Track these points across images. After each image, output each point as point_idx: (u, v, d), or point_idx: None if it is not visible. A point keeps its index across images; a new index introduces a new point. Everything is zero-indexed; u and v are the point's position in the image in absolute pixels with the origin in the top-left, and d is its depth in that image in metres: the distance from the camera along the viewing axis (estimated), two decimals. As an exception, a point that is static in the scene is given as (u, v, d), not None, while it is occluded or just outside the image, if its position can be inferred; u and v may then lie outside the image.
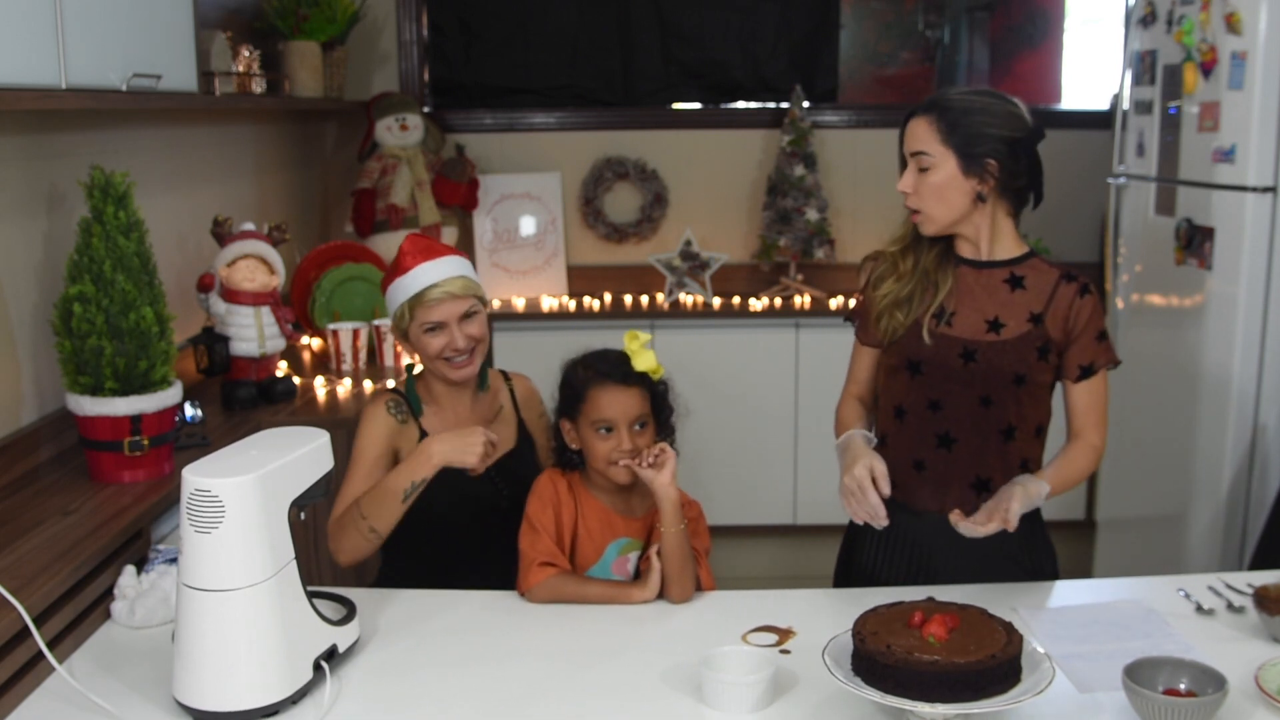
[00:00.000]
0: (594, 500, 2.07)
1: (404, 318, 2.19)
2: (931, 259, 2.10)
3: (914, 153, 2.04)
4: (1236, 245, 3.22)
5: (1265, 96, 3.12)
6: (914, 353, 2.08)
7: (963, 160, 2.01)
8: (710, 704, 1.63)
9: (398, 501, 2.04)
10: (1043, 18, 5.00)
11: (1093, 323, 2.06)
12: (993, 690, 1.51)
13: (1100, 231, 4.38)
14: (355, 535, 2.07)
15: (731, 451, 4.36)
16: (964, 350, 2.05)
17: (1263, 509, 3.19)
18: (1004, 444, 2.07)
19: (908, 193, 2.05)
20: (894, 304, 2.10)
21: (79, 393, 2.27)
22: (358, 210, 4.25)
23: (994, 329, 2.05)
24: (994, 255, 2.09)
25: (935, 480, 2.10)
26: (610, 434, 2.02)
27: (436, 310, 2.16)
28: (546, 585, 1.97)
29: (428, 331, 2.17)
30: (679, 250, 4.56)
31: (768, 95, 4.84)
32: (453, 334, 2.17)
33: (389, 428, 2.19)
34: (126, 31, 2.36)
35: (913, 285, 2.10)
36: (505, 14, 4.73)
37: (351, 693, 1.69)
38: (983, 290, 2.08)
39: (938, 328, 2.07)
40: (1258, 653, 1.75)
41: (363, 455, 2.18)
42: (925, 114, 2.04)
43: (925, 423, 2.09)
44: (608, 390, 2.04)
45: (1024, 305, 2.06)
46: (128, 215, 2.27)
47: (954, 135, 2.00)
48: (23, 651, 1.70)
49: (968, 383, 2.05)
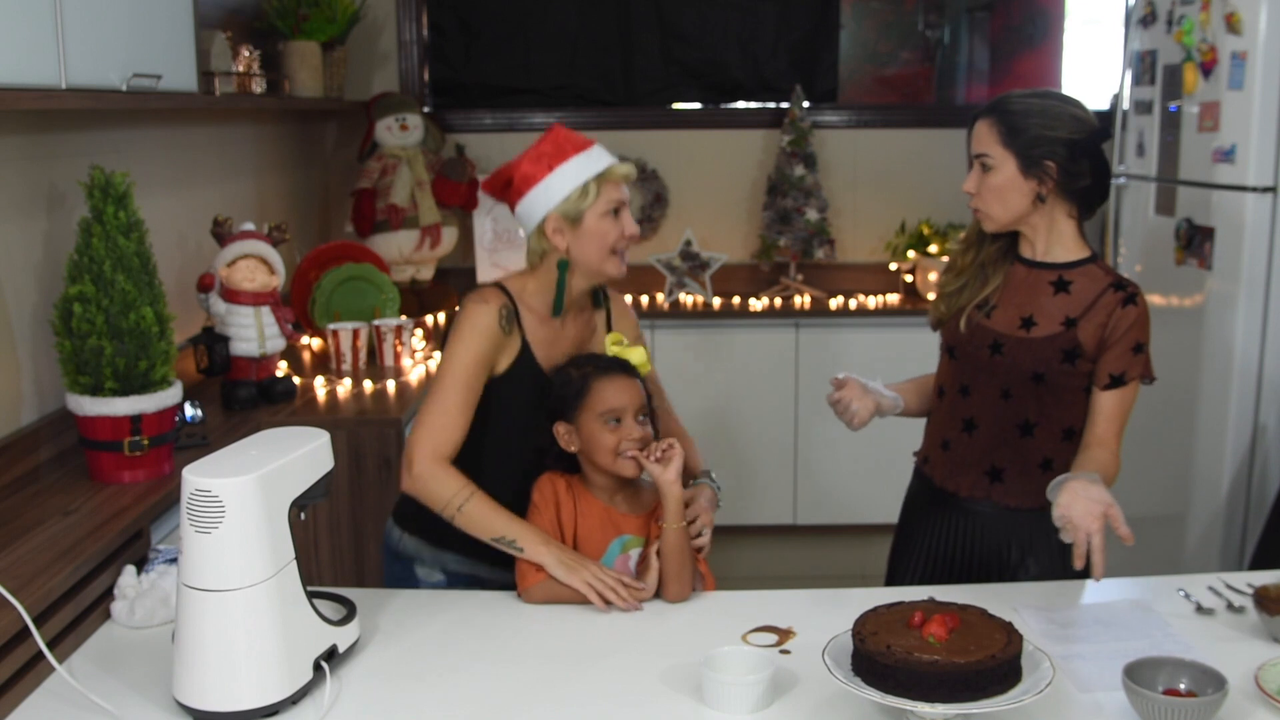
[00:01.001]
0: (593, 500, 2.07)
1: (587, 196, 2.05)
2: (990, 254, 2.19)
3: (977, 154, 2.10)
4: (1236, 245, 3.23)
5: (1265, 96, 3.12)
6: (952, 338, 2.20)
7: (1022, 162, 2.06)
8: (710, 704, 1.63)
9: (485, 535, 1.99)
10: (1043, 18, 4.99)
11: (1131, 333, 2.07)
12: (993, 690, 1.51)
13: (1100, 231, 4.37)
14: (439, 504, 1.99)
15: (731, 451, 4.36)
16: (993, 342, 2.12)
17: (1263, 509, 3.19)
18: (1020, 438, 2.13)
19: (971, 193, 2.12)
20: (945, 295, 2.22)
21: (79, 393, 2.27)
22: (358, 210, 4.25)
23: (1025, 326, 2.11)
24: (1050, 256, 2.14)
25: (955, 462, 2.20)
26: (619, 425, 2.02)
27: (620, 190, 2.08)
28: (543, 586, 1.97)
29: (609, 215, 2.07)
30: (679, 250, 4.56)
31: (768, 95, 4.84)
32: (628, 219, 2.10)
33: (493, 337, 2.05)
34: (126, 31, 2.36)
35: (966, 279, 2.19)
36: (505, 14, 4.73)
37: (351, 693, 1.69)
38: (1028, 289, 2.13)
39: (978, 318, 2.15)
40: (1258, 653, 1.75)
41: (458, 362, 2.03)
42: (987, 116, 2.10)
43: (955, 406, 2.20)
44: (613, 381, 2.04)
45: (1061, 308, 2.09)
46: (128, 215, 2.27)
47: (1014, 138, 2.06)
48: (23, 651, 1.70)
49: (992, 373, 2.13)
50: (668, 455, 1.99)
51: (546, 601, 1.98)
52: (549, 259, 2.11)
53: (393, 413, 2.97)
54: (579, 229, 2.07)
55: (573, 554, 1.98)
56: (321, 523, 2.87)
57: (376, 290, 3.67)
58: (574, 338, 2.18)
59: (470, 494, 1.99)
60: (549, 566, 1.95)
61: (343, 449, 2.81)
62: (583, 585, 1.93)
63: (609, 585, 1.93)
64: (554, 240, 2.07)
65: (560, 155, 2.06)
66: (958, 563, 2.20)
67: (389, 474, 2.88)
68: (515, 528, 1.98)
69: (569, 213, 2.06)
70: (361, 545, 2.90)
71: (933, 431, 2.28)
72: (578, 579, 1.94)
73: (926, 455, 2.29)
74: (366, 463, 2.88)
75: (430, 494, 2.01)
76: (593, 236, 2.07)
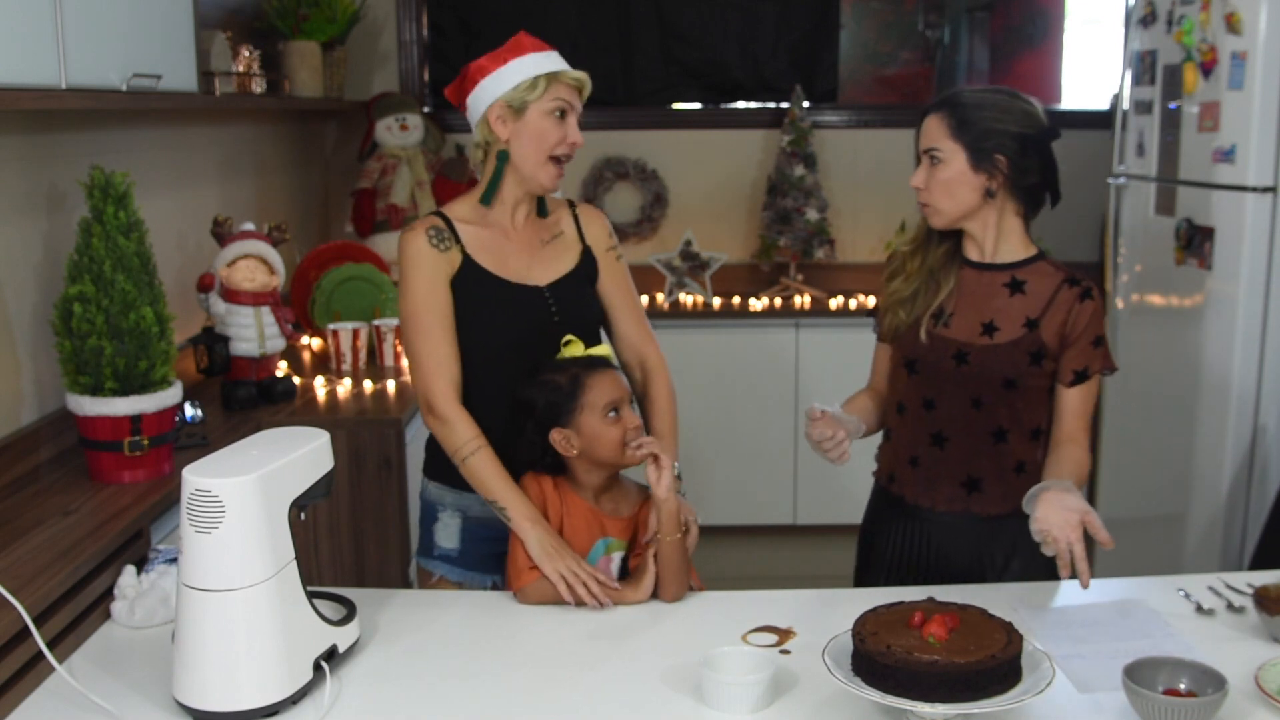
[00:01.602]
0: (579, 501, 2.06)
1: (535, 89, 2.05)
2: (938, 258, 2.13)
3: (926, 149, 2.07)
4: (1236, 245, 3.23)
5: (1265, 96, 3.12)
6: (911, 351, 2.12)
7: (972, 155, 2.03)
8: (710, 704, 1.63)
9: (482, 492, 2.03)
10: (1043, 18, 5.00)
11: (1091, 327, 2.06)
12: (993, 690, 1.51)
13: (1100, 231, 4.37)
14: (450, 449, 2.05)
15: (731, 451, 4.36)
16: (957, 352, 2.07)
17: (1263, 509, 3.19)
18: (995, 445, 2.09)
19: (920, 188, 2.08)
20: (898, 302, 2.15)
21: (79, 393, 2.27)
22: (358, 210, 4.25)
23: (988, 332, 2.07)
24: (998, 256, 2.10)
25: (927, 477, 2.14)
26: (619, 416, 2.01)
27: (570, 93, 2.08)
28: (537, 587, 1.97)
29: (554, 115, 2.06)
30: (679, 250, 4.56)
31: (768, 95, 4.84)
32: (573, 127, 2.09)
33: (430, 258, 2.06)
34: (126, 31, 2.36)
35: (917, 284, 2.13)
36: (505, 14, 4.73)
37: (351, 693, 1.69)
38: (982, 293, 2.09)
39: (935, 328, 2.10)
40: (1258, 653, 1.75)
41: (415, 295, 2.06)
42: (937, 111, 2.07)
43: (920, 420, 2.13)
44: (603, 375, 2.03)
45: (1021, 310, 2.07)
46: (128, 215, 2.27)
47: (963, 130, 2.03)
48: (23, 651, 1.70)
49: (959, 384, 2.08)
50: (660, 466, 1.97)
51: (541, 602, 1.97)
52: (491, 157, 2.11)
53: (393, 413, 2.97)
54: (521, 120, 2.06)
55: (557, 540, 1.98)
56: (321, 523, 2.87)
57: (376, 290, 3.67)
58: (524, 239, 2.15)
59: (478, 447, 2.02)
60: (529, 545, 1.96)
61: (343, 449, 2.81)
62: (555, 575, 1.93)
63: (581, 580, 1.93)
64: (496, 129, 2.08)
65: (516, 50, 2.09)
66: (935, 576, 2.15)
67: (389, 474, 2.88)
68: (510, 497, 2.00)
69: (513, 101, 2.06)
70: (361, 545, 2.90)
71: (897, 449, 2.19)
72: (551, 567, 1.94)
73: (891, 473, 2.21)
74: (366, 463, 2.88)
75: (445, 438, 2.06)
76: (533, 133, 2.06)
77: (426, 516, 2.24)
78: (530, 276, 2.13)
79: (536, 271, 2.14)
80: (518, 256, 2.14)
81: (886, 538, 2.23)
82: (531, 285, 2.12)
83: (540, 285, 2.13)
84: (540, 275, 2.14)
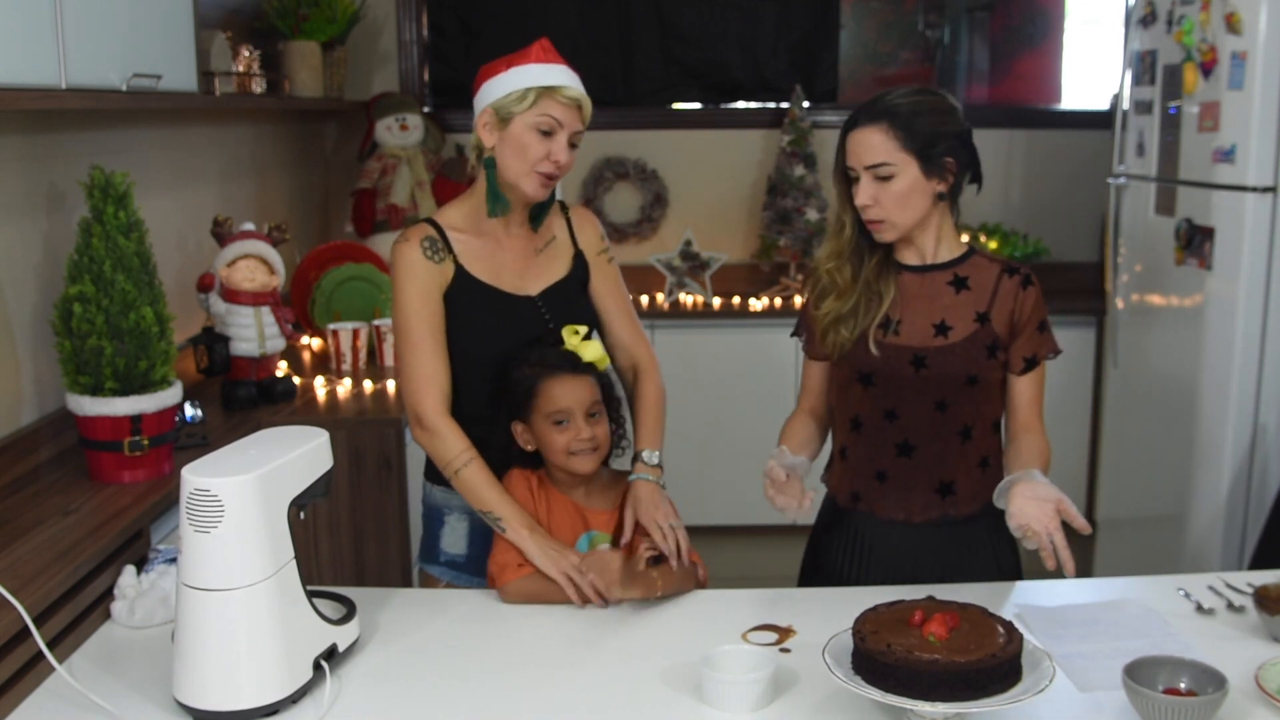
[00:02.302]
0: (561, 496, 2.06)
1: (523, 101, 2.00)
2: (872, 269, 2.07)
3: (871, 165, 1.99)
4: (1236, 245, 3.23)
5: (1265, 96, 3.12)
6: (864, 365, 2.06)
7: (924, 164, 1.98)
8: (710, 703, 1.63)
9: (475, 504, 2.02)
10: (1043, 18, 5.00)
11: (1035, 314, 2.06)
12: (993, 690, 1.51)
13: (1100, 231, 4.37)
14: (440, 462, 2.04)
15: (731, 451, 4.35)
16: (914, 357, 2.04)
17: (1263, 509, 3.19)
18: (963, 444, 2.07)
19: (868, 205, 2.00)
20: (837, 320, 2.07)
21: (79, 393, 2.27)
22: (358, 210, 4.25)
23: (941, 333, 2.04)
24: (938, 256, 2.08)
25: (898, 489, 2.09)
26: (567, 425, 2.01)
27: (564, 111, 2.02)
28: (519, 585, 1.96)
29: (539, 131, 2.01)
30: (679, 250, 4.56)
31: (768, 95, 4.84)
32: (561, 145, 2.02)
33: (425, 270, 2.05)
34: (126, 31, 2.36)
35: (855, 299, 2.06)
36: (505, 14, 4.74)
37: (351, 692, 1.69)
38: (927, 295, 2.07)
39: (885, 337, 2.05)
40: (1258, 653, 1.75)
41: (408, 308, 2.05)
42: (873, 124, 1.99)
43: (882, 432, 2.08)
44: (560, 381, 2.02)
45: (969, 305, 2.05)
46: (128, 215, 2.27)
47: (911, 140, 1.97)
48: (23, 651, 1.70)
49: (921, 389, 2.04)
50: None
51: (523, 601, 1.97)
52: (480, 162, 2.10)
53: (393, 413, 2.97)
54: (505, 131, 2.03)
55: (555, 543, 1.98)
56: (321, 523, 2.87)
57: (376, 290, 3.67)
58: (518, 247, 2.14)
59: (469, 459, 2.01)
60: (529, 554, 1.96)
61: (343, 449, 2.81)
62: (561, 577, 1.93)
63: (587, 582, 1.93)
64: (482, 135, 2.06)
65: (522, 59, 2.04)
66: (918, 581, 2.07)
67: (389, 474, 2.88)
68: (504, 507, 2.00)
69: (500, 109, 2.02)
70: (361, 545, 2.90)
71: (856, 466, 2.12)
72: (556, 569, 1.94)
73: (855, 492, 2.13)
74: (366, 463, 2.88)
75: (434, 450, 2.06)
76: (515, 146, 2.02)
77: (431, 521, 2.22)
78: (523, 286, 2.12)
79: (530, 280, 2.13)
80: (511, 266, 2.13)
81: (850, 555, 2.16)
82: (524, 295, 2.11)
83: (533, 295, 2.12)
84: (533, 284, 2.13)
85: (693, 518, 2.22)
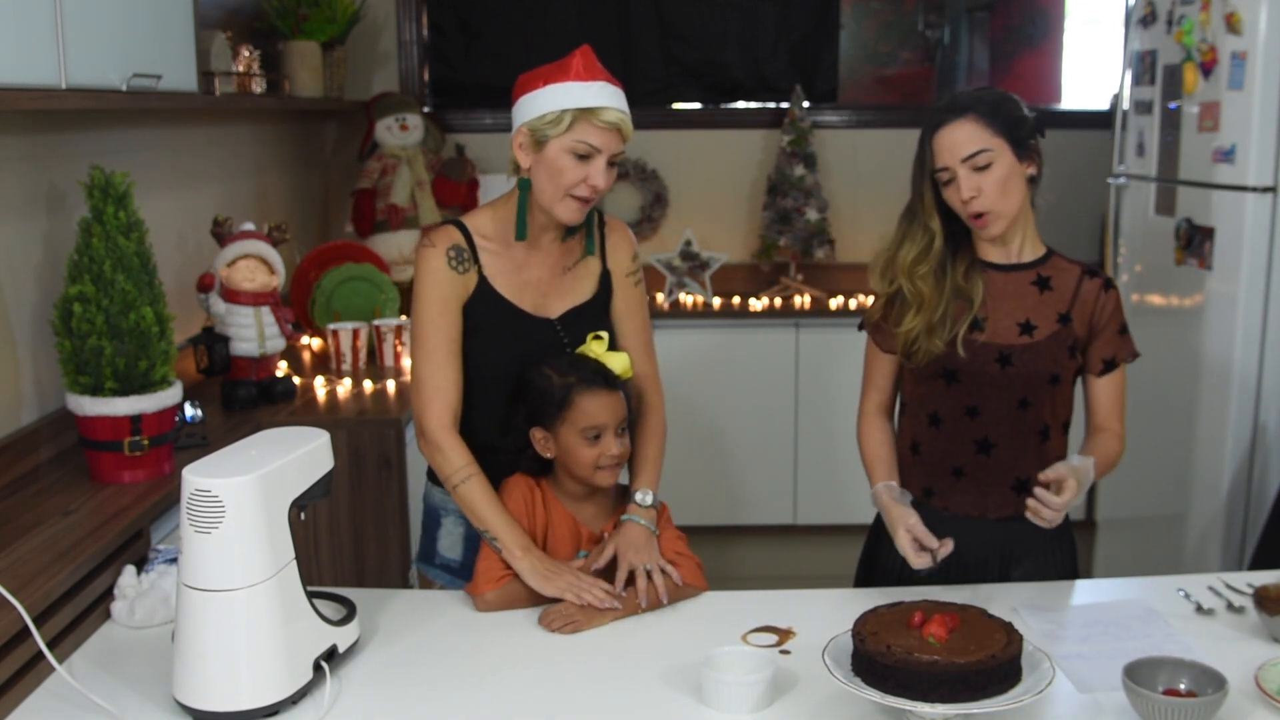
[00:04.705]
0: (563, 510, 2.05)
1: (559, 124, 1.93)
2: (961, 274, 2.07)
3: (967, 156, 1.98)
4: (1236, 245, 3.23)
5: (1265, 96, 3.12)
6: (949, 362, 2.06)
7: (1015, 147, 2.01)
8: (710, 704, 1.63)
9: (473, 520, 2.00)
10: (1043, 18, 5.00)
11: (1115, 317, 2.09)
12: (993, 690, 1.51)
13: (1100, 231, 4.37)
14: (442, 475, 2.02)
15: (731, 451, 4.35)
16: (999, 355, 2.05)
17: (1263, 509, 3.19)
18: (1041, 444, 2.09)
19: (974, 197, 1.99)
20: (928, 331, 2.05)
21: (79, 393, 2.27)
22: (358, 210, 4.25)
23: (1026, 331, 2.06)
24: (1023, 255, 2.10)
25: (975, 486, 2.10)
26: (599, 440, 1.99)
27: (601, 136, 1.94)
28: (498, 594, 1.96)
29: (575, 155, 1.95)
30: (679, 250, 4.56)
31: (768, 95, 4.84)
32: (598, 170, 1.95)
33: (448, 279, 2.01)
34: (126, 31, 2.36)
35: (944, 307, 2.06)
36: (505, 14, 4.73)
37: (351, 693, 1.69)
38: (1012, 293, 2.08)
39: (970, 334, 2.06)
40: (1258, 653, 1.75)
41: (425, 315, 2.01)
42: (961, 117, 1.99)
43: (963, 429, 2.09)
44: (596, 395, 1.99)
45: (1052, 305, 2.08)
46: (128, 215, 2.27)
47: (1001, 125, 2.00)
48: (23, 651, 1.70)
49: (1005, 387, 2.06)
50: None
51: (502, 608, 1.96)
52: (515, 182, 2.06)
53: (393, 413, 2.97)
54: (540, 154, 1.97)
55: (550, 562, 1.96)
56: (321, 523, 2.87)
57: (376, 290, 3.67)
58: (547, 264, 2.09)
59: (469, 475, 1.99)
60: (525, 575, 1.93)
61: (343, 449, 2.81)
62: (562, 594, 1.91)
63: (587, 586, 1.92)
64: (516, 153, 2.02)
65: (561, 74, 1.96)
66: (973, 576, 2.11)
67: (389, 474, 2.88)
68: (501, 527, 1.97)
69: (535, 131, 1.96)
70: (361, 545, 2.90)
71: (932, 462, 2.13)
72: (555, 588, 1.92)
73: (929, 488, 2.14)
74: (366, 463, 2.88)
75: (435, 463, 2.04)
76: (550, 169, 1.96)
77: (430, 522, 2.22)
78: (545, 307, 2.08)
79: (552, 302, 2.09)
80: (535, 284, 2.08)
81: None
82: (543, 318, 2.07)
83: (553, 318, 2.08)
84: (556, 306, 2.09)
85: (693, 518, 2.23)
